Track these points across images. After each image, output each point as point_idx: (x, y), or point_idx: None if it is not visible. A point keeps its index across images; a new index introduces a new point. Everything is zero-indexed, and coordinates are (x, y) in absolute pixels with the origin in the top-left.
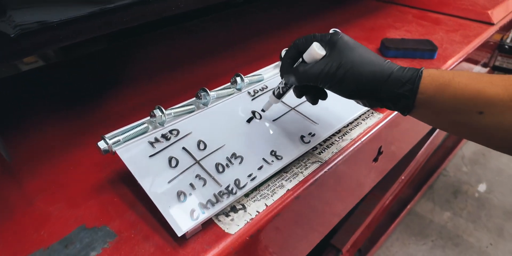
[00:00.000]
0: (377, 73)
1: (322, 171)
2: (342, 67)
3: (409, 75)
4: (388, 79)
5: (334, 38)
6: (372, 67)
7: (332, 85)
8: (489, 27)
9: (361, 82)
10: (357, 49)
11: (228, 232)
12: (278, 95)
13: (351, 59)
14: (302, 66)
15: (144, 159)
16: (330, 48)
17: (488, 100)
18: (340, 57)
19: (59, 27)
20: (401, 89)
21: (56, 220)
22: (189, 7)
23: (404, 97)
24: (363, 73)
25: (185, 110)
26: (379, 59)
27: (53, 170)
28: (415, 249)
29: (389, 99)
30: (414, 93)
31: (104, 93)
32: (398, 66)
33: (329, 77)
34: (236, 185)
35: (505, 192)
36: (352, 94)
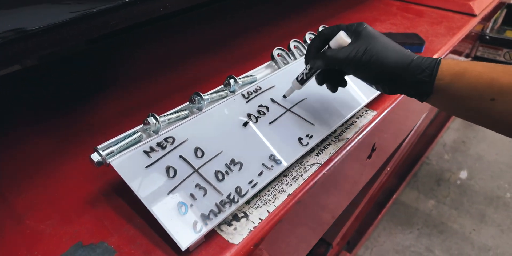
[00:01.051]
0: (399, 60)
1: (321, 172)
2: (368, 53)
3: (428, 63)
4: (409, 66)
5: (360, 28)
6: (394, 54)
7: (357, 69)
8: (471, 19)
9: (384, 68)
10: (380, 38)
11: (232, 243)
12: (302, 80)
13: (376, 46)
14: (330, 51)
15: (140, 170)
16: (355, 36)
17: (500, 88)
18: (365, 44)
19: (39, 35)
20: (421, 75)
21: (50, 238)
22: (177, 7)
23: (423, 82)
24: (387, 59)
25: (179, 116)
26: (401, 48)
27: (42, 184)
28: (402, 238)
29: (409, 84)
30: (432, 79)
31: (89, 98)
32: (417, 55)
33: (355, 61)
34: (237, 193)
35: (485, 178)
36: (375, 78)
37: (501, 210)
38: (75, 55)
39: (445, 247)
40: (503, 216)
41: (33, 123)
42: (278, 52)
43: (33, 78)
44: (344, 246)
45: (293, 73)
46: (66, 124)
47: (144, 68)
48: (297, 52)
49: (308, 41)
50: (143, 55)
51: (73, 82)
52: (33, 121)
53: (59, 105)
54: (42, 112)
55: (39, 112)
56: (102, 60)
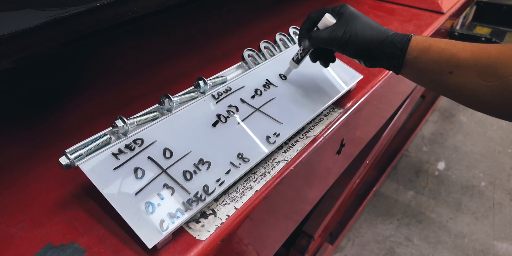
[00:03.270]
0: (374, 36)
1: (288, 169)
2: (347, 32)
3: (400, 39)
4: (383, 42)
5: (342, 9)
6: (371, 31)
7: (339, 46)
8: (439, 16)
9: (361, 44)
10: (360, 18)
11: (199, 239)
12: (297, 60)
13: (355, 26)
14: (315, 32)
15: (108, 172)
16: (338, 17)
17: (458, 62)
18: (346, 24)
19: (9, 40)
20: (392, 49)
21: (20, 240)
22: (145, 10)
23: (395, 57)
24: (364, 36)
25: (149, 118)
26: (378, 26)
27: (12, 188)
28: (383, 228)
29: (383, 58)
30: (403, 53)
31: (60, 101)
32: (392, 32)
33: (337, 40)
34: (204, 192)
35: (461, 168)
36: (355, 54)
37: (476, 198)
38: (50, 58)
39: (423, 236)
40: (478, 204)
41: (2, 127)
42: (249, 53)
43: (4, 81)
44: (327, 237)
45: (264, 73)
46: (37, 128)
47: (116, 71)
48: (268, 52)
49: (279, 42)
50: (115, 58)
51: (44, 85)
52: (3, 125)
53: (31, 109)
54: (13, 116)
55: (9, 116)
56: (74, 63)
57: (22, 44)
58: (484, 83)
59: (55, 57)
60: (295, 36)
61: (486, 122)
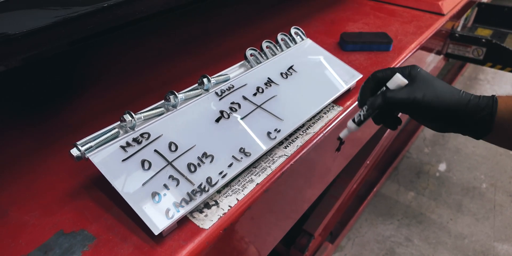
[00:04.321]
0: (458, 100)
1: (288, 164)
2: (428, 95)
3: (486, 102)
4: (467, 106)
5: (414, 71)
6: (452, 95)
7: (417, 110)
8: (440, 18)
9: (443, 108)
10: (436, 81)
11: (202, 228)
12: (359, 122)
13: (433, 88)
14: (390, 92)
15: (117, 164)
16: (411, 79)
17: None
18: (424, 86)
19: (22, 39)
20: (480, 114)
21: (33, 228)
22: (151, 10)
23: (483, 121)
24: (446, 100)
25: (155, 113)
26: (456, 89)
27: (25, 179)
28: (383, 228)
29: (467, 124)
30: (492, 117)
31: (70, 98)
32: (473, 95)
33: (416, 103)
34: (208, 183)
35: (462, 170)
36: (433, 119)
37: (477, 200)
38: (57, 56)
39: (423, 236)
40: (479, 206)
41: (15, 123)
42: (251, 52)
43: (16, 79)
44: (328, 237)
45: (266, 71)
46: (47, 123)
47: (123, 68)
48: (270, 52)
49: (280, 42)
50: (123, 55)
51: (55, 82)
52: (16, 120)
53: (41, 105)
54: (25, 112)
55: (21, 112)
56: (85, 61)
57: (30, 43)
58: None
59: (63, 56)
60: (296, 36)
61: None
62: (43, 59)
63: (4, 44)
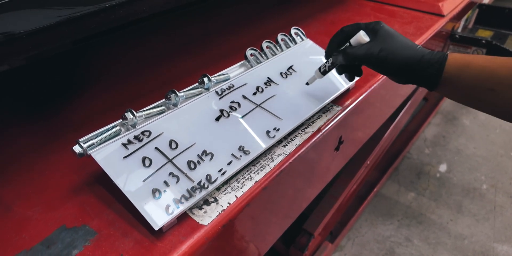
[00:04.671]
0: (411, 56)
1: (287, 162)
2: (384, 50)
3: (437, 58)
4: (420, 61)
5: (377, 27)
6: (408, 51)
7: (374, 64)
8: (440, 19)
9: (398, 63)
10: (395, 36)
11: (202, 224)
12: (324, 72)
13: (391, 44)
14: (350, 48)
15: (118, 161)
16: (373, 34)
17: (498, 79)
18: (381, 42)
19: (26, 37)
20: (430, 69)
21: (36, 222)
22: (153, 10)
23: (432, 75)
24: (400, 55)
25: (156, 112)
26: (413, 44)
27: (29, 176)
28: (383, 228)
29: (419, 77)
30: (440, 72)
31: (72, 96)
32: (428, 50)
33: (373, 58)
34: (207, 180)
35: (463, 171)
36: (390, 72)
37: (477, 200)
38: (59, 56)
39: (423, 237)
40: (479, 207)
41: (19, 121)
42: (251, 52)
43: (19, 78)
44: (327, 236)
45: (266, 71)
46: (50, 121)
47: (125, 67)
48: (270, 52)
49: (280, 42)
50: (124, 55)
51: (57, 81)
52: (20, 119)
53: (44, 103)
54: (28, 109)
55: (25, 111)
56: (86, 60)
57: (34, 43)
58: None
59: (65, 55)
60: (296, 37)
61: (489, 126)
62: (46, 59)
63: (8, 43)
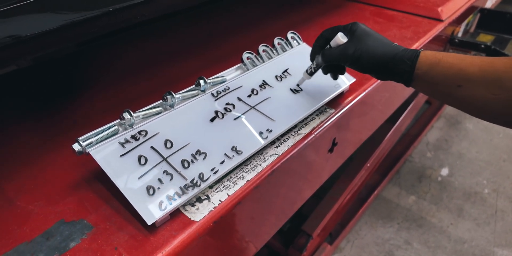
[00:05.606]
0: (385, 53)
1: (279, 163)
2: (358, 49)
3: (409, 55)
4: (394, 58)
5: (354, 27)
6: (381, 49)
7: (350, 63)
8: (438, 23)
9: (373, 61)
10: (371, 35)
11: (193, 220)
12: (311, 73)
13: (366, 43)
14: (327, 50)
15: (115, 159)
16: (350, 35)
17: (466, 77)
18: (357, 42)
19: (31, 40)
20: (402, 65)
21: (37, 216)
22: (152, 15)
23: (405, 72)
24: (375, 53)
25: (153, 112)
26: (388, 42)
27: (30, 172)
28: (383, 231)
29: (394, 73)
30: (412, 68)
31: (74, 96)
32: (402, 48)
33: (348, 57)
34: (200, 178)
35: (465, 175)
36: (366, 69)
37: (478, 205)
38: (65, 57)
39: (423, 240)
40: (480, 211)
41: (23, 119)
42: (248, 55)
43: (23, 77)
44: (327, 238)
45: (261, 74)
46: (52, 119)
47: (126, 68)
48: (266, 55)
49: (277, 46)
50: (125, 56)
51: (59, 81)
52: (23, 116)
53: (47, 101)
54: (31, 108)
55: (28, 108)
56: (87, 61)
57: (40, 45)
58: (492, 96)
59: (68, 56)
60: (292, 40)
61: (493, 130)
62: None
63: (16, 45)
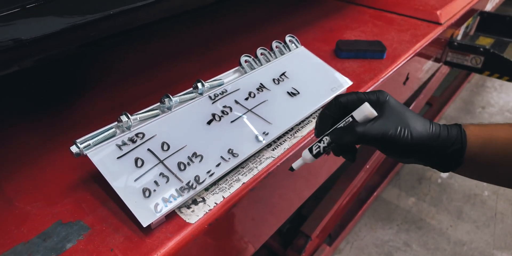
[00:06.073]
0: (429, 134)
1: (275, 165)
2: (401, 129)
3: (455, 134)
4: (438, 140)
5: (383, 98)
6: (423, 128)
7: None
8: (437, 27)
9: (416, 142)
10: (406, 111)
11: (189, 222)
12: (317, 154)
13: (407, 122)
14: (361, 127)
15: (112, 161)
16: (380, 108)
17: None
18: (396, 118)
19: (33, 43)
20: (451, 148)
21: (35, 217)
22: (151, 18)
23: (454, 155)
24: (419, 135)
25: (150, 115)
26: (426, 121)
27: (30, 172)
28: (382, 233)
29: (439, 157)
30: (463, 151)
31: (73, 98)
32: (439, 126)
33: (392, 139)
34: (196, 181)
35: (465, 177)
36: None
37: (478, 207)
38: (66, 58)
39: (422, 242)
40: (479, 213)
41: (23, 120)
42: (245, 58)
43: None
44: (326, 239)
45: (259, 77)
46: (52, 120)
47: (124, 71)
48: (264, 58)
49: (275, 49)
50: (125, 59)
51: (59, 82)
52: (23, 117)
53: (47, 102)
54: (30, 108)
55: (29, 110)
56: (87, 62)
57: (41, 47)
58: None
59: (68, 57)
60: (290, 44)
61: None
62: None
63: (18, 48)
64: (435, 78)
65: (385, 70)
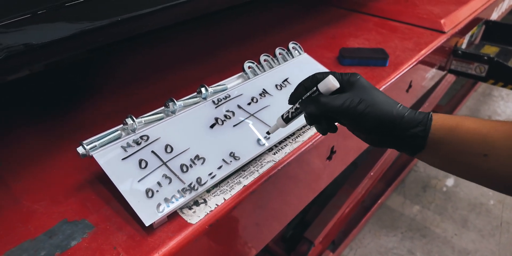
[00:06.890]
0: (393, 113)
1: (275, 169)
2: (363, 102)
3: (421, 117)
4: (403, 120)
5: (353, 78)
6: (388, 107)
7: (352, 118)
8: (440, 35)
9: (379, 119)
10: (374, 90)
11: (190, 222)
12: (287, 119)
13: (371, 97)
14: (324, 98)
15: (117, 162)
16: (349, 86)
17: (492, 144)
18: (360, 94)
19: (43, 48)
20: (414, 129)
21: (41, 215)
22: (157, 25)
23: (417, 136)
24: (382, 111)
25: (155, 118)
26: (394, 101)
27: (37, 173)
28: (386, 240)
29: (402, 138)
30: (426, 133)
31: (81, 101)
32: (409, 109)
33: (351, 110)
34: (198, 183)
35: (470, 185)
36: (368, 129)
37: (483, 216)
38: (74, 63)
39: (426, 250)
40: (485, 222)
41: (30, 122)
42: (249, 65)
43: (34, 82)
44: (330, 245)
45: (261, 83)
46: (58, 122)
47: (130, 76)
48: (267, 65)
49: (278, 56)
50: (131, 64)
51: (67, 86)
52: (30, 119)
53: (53, 105)
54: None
55: (36, 112)
56: (94, 67)
57: (51, 52)
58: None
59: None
60: (294, 51)
61: None
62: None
63: (29, 52)
64: (440, 87)
65: (388, 77)
